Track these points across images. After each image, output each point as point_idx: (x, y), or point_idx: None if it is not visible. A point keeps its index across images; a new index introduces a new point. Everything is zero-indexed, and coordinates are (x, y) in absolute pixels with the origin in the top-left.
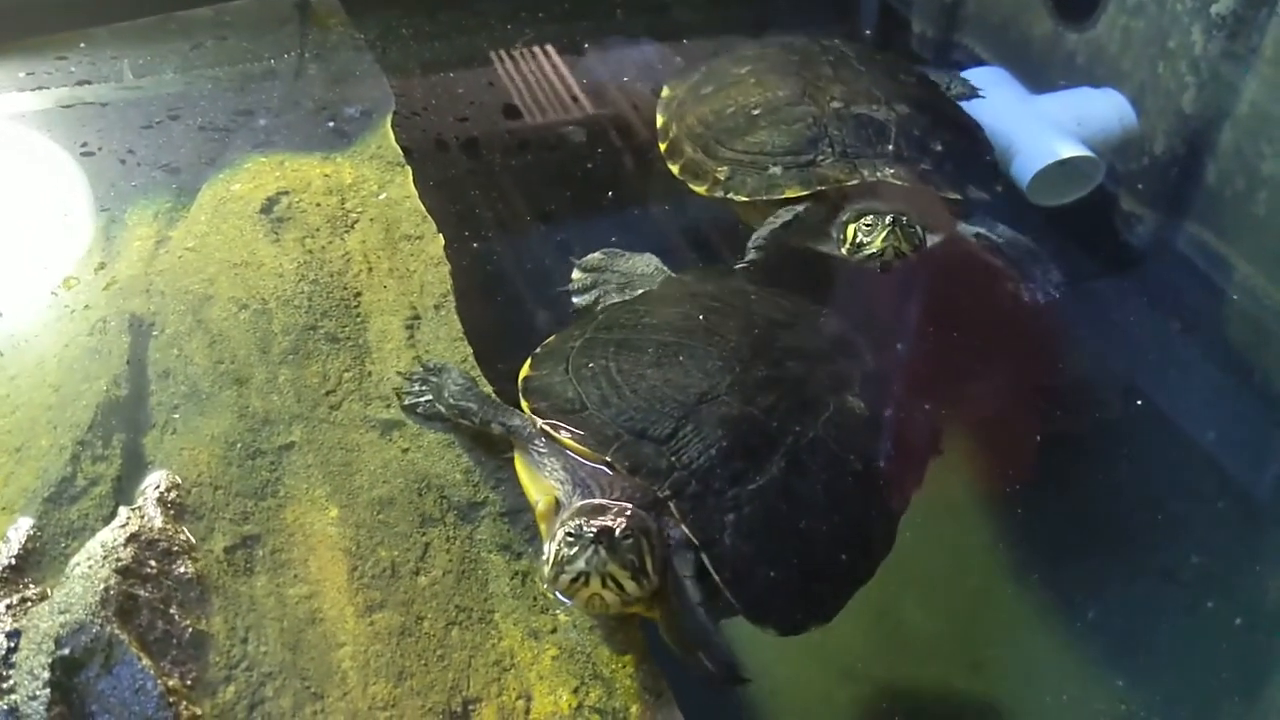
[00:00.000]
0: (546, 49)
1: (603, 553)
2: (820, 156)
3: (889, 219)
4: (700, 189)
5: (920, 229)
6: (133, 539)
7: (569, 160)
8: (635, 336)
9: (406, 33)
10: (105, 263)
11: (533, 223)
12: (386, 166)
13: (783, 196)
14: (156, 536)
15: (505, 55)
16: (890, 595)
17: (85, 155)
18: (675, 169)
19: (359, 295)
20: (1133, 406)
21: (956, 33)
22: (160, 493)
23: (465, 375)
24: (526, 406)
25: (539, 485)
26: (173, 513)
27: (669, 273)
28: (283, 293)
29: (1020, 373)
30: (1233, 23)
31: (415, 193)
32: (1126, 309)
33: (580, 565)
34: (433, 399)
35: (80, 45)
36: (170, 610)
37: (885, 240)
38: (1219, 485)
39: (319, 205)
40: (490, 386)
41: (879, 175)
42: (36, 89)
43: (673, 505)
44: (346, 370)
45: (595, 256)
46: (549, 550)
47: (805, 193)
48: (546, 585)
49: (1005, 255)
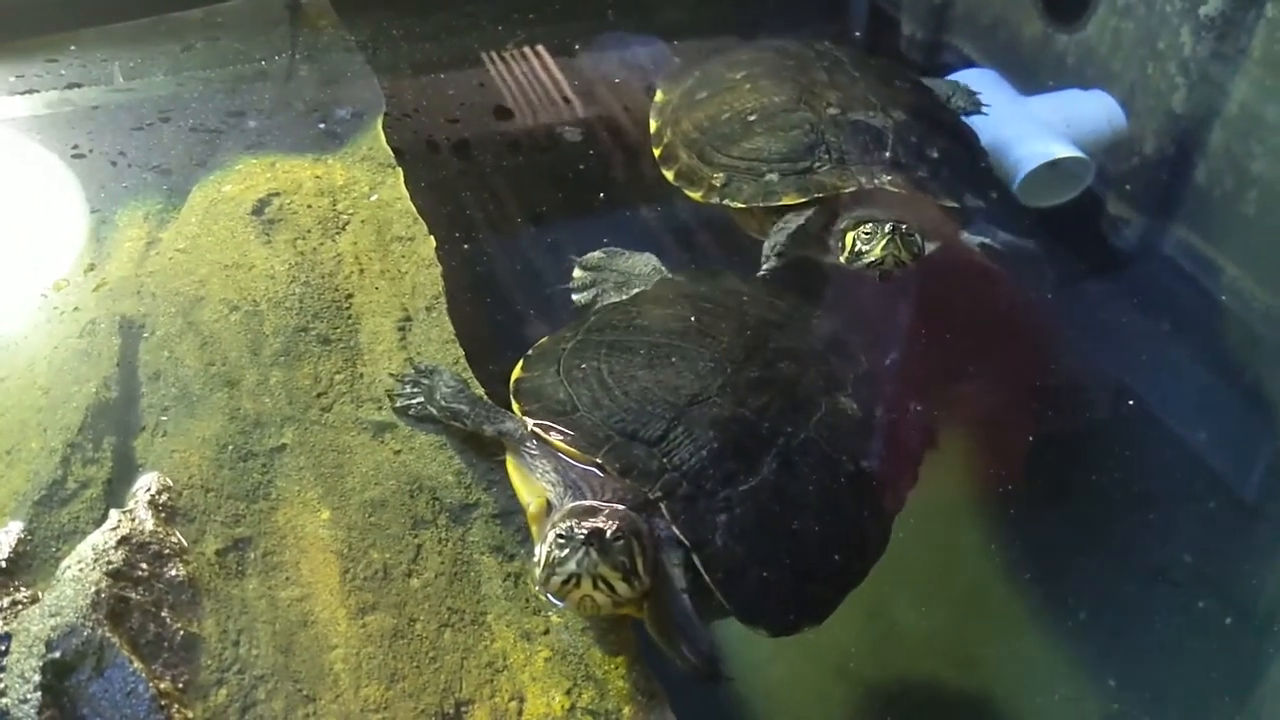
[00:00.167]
0: (538, 50)
1: (594, 554)
2: (817, 163)
3: (888, 227)
4: (696, 195)
5: (919, 237)
6: (124, 542)
7: (560, 162)
8: (627, 338)
9: (397, 34)
10: (95, 264)
11: (524, 224)
12: (378, 168)
13: (779, 203)
14: (148, 539)
15: (496, 57)
16: (884, 595)
17: (76, 157)
18: (670, 175)
19: (350, 297)
20: (1124, 407)
21: (946, 34)
22: (151, 495)
23: (457, 377)
24: (518, 408)
25: (530, 487)
26: (164, 515)
27: (667, 273)
28: (274, 294)
29: (1012, 373)
30: (1221, 24)
31: (407, 194)
32: (1116, 310)
33: (571, 567)
34: (424, 401)
35: (70, 47)
36: (162, 613)
37: (885, 249)
38: (1209, 485)
39: (310, 207)
40: (482, 388)
41: (876, 182)
42: (27, 91)
43: (664, 507)
44: (338, 372)
45: (595, 255)
46: (540, 552)
47: (802, 199)
48: (538, 587)
49: (1007, 261)
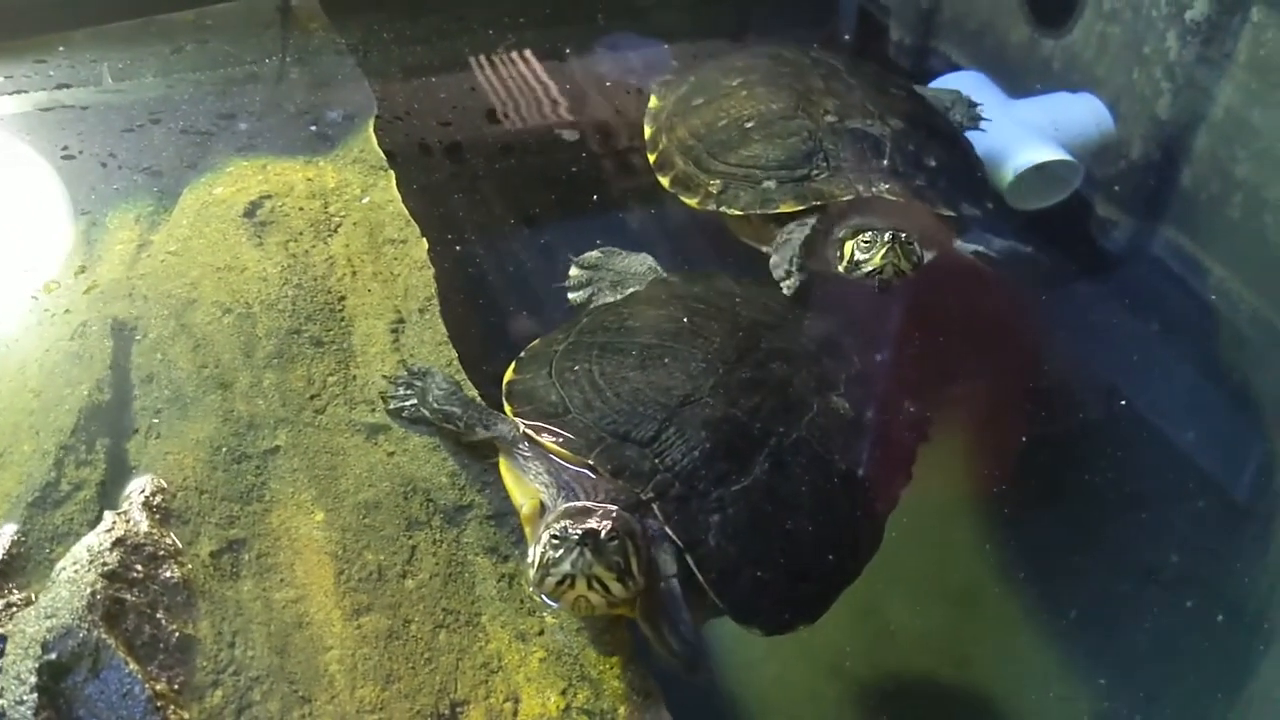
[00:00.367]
0: (528, 54)
1: (588, 555)
2: (815, 171)
3: (888, 236)
4: (692, 202)
5: (918, 246)
6: (118, 543)
7: (552, 164)
8: (619, 339)
9: (388, 37)
10: (86, 266)
11: (516, 226)
12: (369, 170)
13: (777, 211)
14: (142, 541)
15: (487, 60)
16: (877, 594)
17: (66, 159)
18: (665, 181)
19: (343, 299)
20: (1115, 408)
21: (933, 39)
22: (145, 497)
23: (449, 380)
24: (510, 410)
25: (524, 489)
26: (158, 517)
27: (663, 273)
28: (266, 297)
29: (1004, 374)
30: (1207, 29)
31: (398, 196)
32: (1107, 311)
33: (566, 568)
34: (417, 403)
35: (59, 49)
36: (157, 615)
37: (885, 257)
38: (1199, 484)
39: (302, 209)
40: (475, 390)
41: (874, 191)
42: (15, 93)
43: (656, 508)
44: (331, 374)
45: (592, 254)
46: (534, 553)
47: (800, 207)
48: (532, 588)
49: (1001, 265)
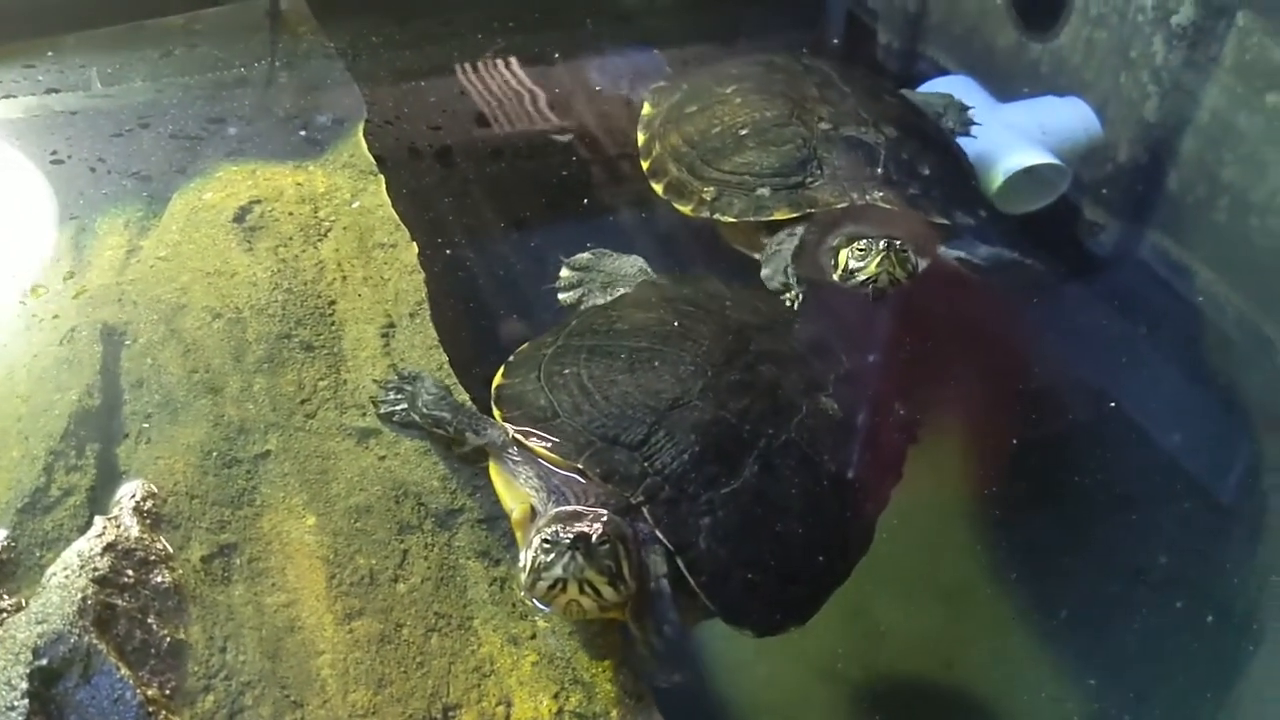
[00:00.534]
0: (517, 58)
1: (580, 559)
2: (809, 179)
3: (883, 244)
4: (685, 209)
5: (913, 254)
6: (109, 549)
7: (542, 168)
8: (607, 343)
9: (377, 41)
10: (75, 271)
11: (506, 230)
12: (359, 175)
13: (771, 218)
14: (133, 546)
15: (477, 64)
16: (867, 595)
17: (54, 163)
18: (659, 188)
19: (333, 304)
20: (1103, 410)
21: (921, 43)
22: (136, 502)
23: (439, 384)
24: (499, 415)
25: (514, 493)
26: (149, 522)
27: (653, 275)
28: (256, 301)
29: (994, 376)
30: (1193, 33)
31: (388, 201)
32: (1095, 314)
33: (557, 571)
34: (407, 408)
35: (48, 53)
36: (148, 620)
37: (880, 265)
38: (1187, 486)
39: (292, 214)
40: (466, 394)
41: (869, 199)
42: (4, 98)
43: (646, 511)
44: (322, 378)
45: (584, 256)
46: (525, 557)
47: (794, 215)
48: (524, 592)
49: (986, 273)
